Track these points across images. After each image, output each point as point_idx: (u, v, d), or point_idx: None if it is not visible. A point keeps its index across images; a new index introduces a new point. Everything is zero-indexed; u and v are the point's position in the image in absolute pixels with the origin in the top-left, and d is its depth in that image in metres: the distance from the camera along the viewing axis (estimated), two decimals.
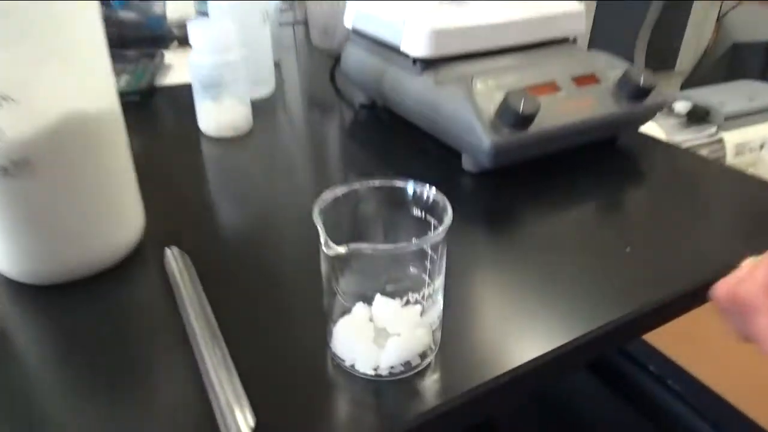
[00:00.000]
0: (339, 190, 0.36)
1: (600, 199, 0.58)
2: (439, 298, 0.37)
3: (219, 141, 0.70)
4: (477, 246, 0.51)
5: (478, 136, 0.55)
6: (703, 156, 0.67)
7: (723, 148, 1.04)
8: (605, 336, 0.41)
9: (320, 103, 0.85)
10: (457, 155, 0.62)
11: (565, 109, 0.59)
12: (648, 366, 0.81)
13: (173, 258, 0.47)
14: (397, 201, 0.37)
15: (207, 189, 0.61)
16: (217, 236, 0.53)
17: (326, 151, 0.72)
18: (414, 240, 0.34)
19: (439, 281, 0.36)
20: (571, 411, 0.83)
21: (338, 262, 0.34)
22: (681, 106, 1.09)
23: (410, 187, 0.37)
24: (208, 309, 0.42)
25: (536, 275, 0.47)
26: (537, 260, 0.49)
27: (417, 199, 0.37)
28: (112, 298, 0.45)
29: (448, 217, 0.34)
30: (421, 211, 0.37)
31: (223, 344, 0.39)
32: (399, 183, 0.37)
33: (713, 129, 1.05)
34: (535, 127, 0.56)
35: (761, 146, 1.12)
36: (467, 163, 0.61)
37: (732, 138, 1.07)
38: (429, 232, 0.37)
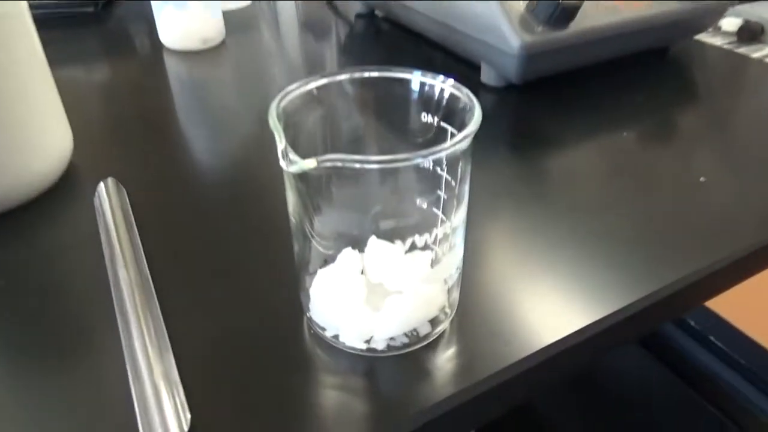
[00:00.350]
0: (312, 83, 0.24)
1: (653, 119, 0.46)
2: (458, 243, 0.26)
3: (184, 55, 0.58)
4: (502, 181, 0.39)
5: (505, 36, 0.43)
6: None
7: None
8: (675, 298, 0.30)
9: (310, 16, 0.72)
10: (474, 68, 0.50)
11: (614, 5, 0.46)
12: (688, 321, 0.70)
13: (106, 193, 0.36)
14: (398, 100, 0.25)
15: (165, 111, 0.50)
16: (170, 168, 0.41)
17: (315, 69, 0.59)
18: (426, 179, 0.22)
19: (459, 218, 0.25)
20: (599, 376, 0.73)
21: (310, 188, 0.23)
22: (729, 23, 0.95)
23: (417, 78, 0.25)
24: (143, 260, 0.31)
25: (581, 218, 0.35)
26: (581, 198, 0.37)
27: (427, 98, 0.25)
28: (23, 243, 0.34)
29: (475, 119, 0.22)
30: (434, 116, 0.25)
31: (157, 307, 0.28)
32: (400, 73, 0.25)
33: (767, 49, 0.91)
34: (576, 26, 0.44)
35: None
36: (487, 76, 0.49)
37: None
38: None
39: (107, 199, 0.36)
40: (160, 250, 0.32)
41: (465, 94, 0.24)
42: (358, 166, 0.19)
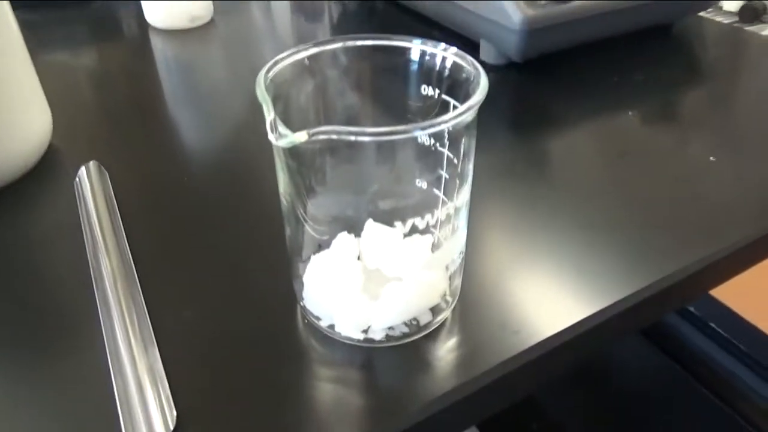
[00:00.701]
0: (303, 52, 0.23)
1: (657, 98, 0.44)
2: (461, 226, 0.24)
3: (171, 34, 0.56)
4: (503, 163, 0.37)
5: (506, 10, 0.41)
6: None
7: None
8: (685, 284, 0.29)
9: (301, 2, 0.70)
10: (472, 46, 0.48)
11: None
12: (688, 307, 0.69)
13: (87, 177, 0.34)
14: (396, 71, 0.24)
15: (152, 93, 0.48)
16: (156, 152, 0.39)
17: None
18: (426, 156, 0.20)
19: (462, 198, 0.23)
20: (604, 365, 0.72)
21: (301, 166, 0.21)
22: (731, 3, 0.94)
23: (417, 47, 0.23)
24: (126, 247, 0.29)
25: (584, 202, 0.34)
26: (584, 181, 0.36)
27: (428, 68, 0.23)
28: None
29: (481, 88, 0.21)
30: (435, 88, 0.23)
31: (141, 298, 0.27)
32: (399, 41, 0.23)
33: None
34: None
35: None
36: (486, 54, 0.47)
37: None
38: None
39: (89, 183, 0.34)
40: (144, 237, 0.31)
41: (469, 63, 0.22)
42: (352, 138, 0.18)
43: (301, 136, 0.17)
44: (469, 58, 0.22)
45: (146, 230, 0.31)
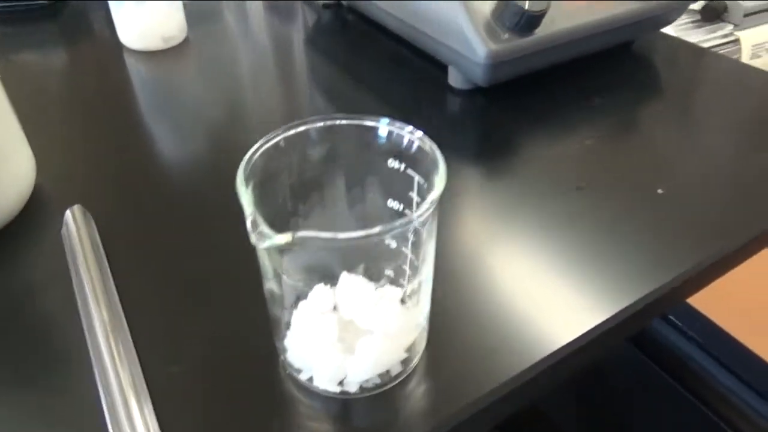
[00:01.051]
0: (278, 137, 0.24)
1: (617, 118, 0.47)
2: (427, 293, 0.27)
3: (145, 55, 0.56)
4: (468, 190, 0.40)
5: (470, 43, 0.43)
6: (744, 63, 0.55)
7: (739, 50, 0.92)
8: (646, 310, 0.32)
9: (275, 5, 0.70)
10: (441, 68, 0.50)
11: (578, 7, 0.47)
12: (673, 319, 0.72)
13: (73, 222, 0.36)
14: (365, 146, 0.26)
15: (127, 121, 0.48)
16: (137, 189, 0.41)
17: (282, 66, 0.58)
18: (394, 220, 0.22)
19: (426, 271, 0.26)
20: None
21: (280, 254, 0.23)
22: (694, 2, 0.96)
23: (384, 127, 0.25)
24: (115, 296, 0.31)
25: (548, 229, 0.36)
26: (546, 207, 0.38)
27: (394, 145, 0.25)
28: None
29: (440, 178, 0.23)
30: (400, 162, 0.25)
31: (132, 349, 0.28)
32: (368, 121, 0.25)
33: (729, 27, 0.92)
34: (542, 31, 0.44)
35: None
36: (454, 79, 0.49)
37: (748, 38, 0.94)
38: (411, 193, 0.25)
39: (75, 231, 0.35)
40: (130, 282, 0.32)
41: (430, 147, 0.24)
42: (328, 243, 0.20)
43: (283, 239, 0.19)
44: (429, 143, 0.24)
45: (132, 275, 0.33)
